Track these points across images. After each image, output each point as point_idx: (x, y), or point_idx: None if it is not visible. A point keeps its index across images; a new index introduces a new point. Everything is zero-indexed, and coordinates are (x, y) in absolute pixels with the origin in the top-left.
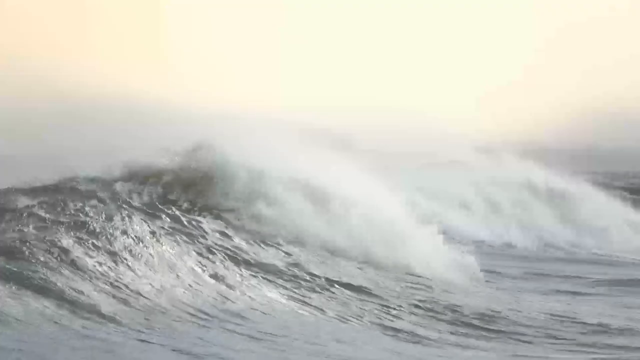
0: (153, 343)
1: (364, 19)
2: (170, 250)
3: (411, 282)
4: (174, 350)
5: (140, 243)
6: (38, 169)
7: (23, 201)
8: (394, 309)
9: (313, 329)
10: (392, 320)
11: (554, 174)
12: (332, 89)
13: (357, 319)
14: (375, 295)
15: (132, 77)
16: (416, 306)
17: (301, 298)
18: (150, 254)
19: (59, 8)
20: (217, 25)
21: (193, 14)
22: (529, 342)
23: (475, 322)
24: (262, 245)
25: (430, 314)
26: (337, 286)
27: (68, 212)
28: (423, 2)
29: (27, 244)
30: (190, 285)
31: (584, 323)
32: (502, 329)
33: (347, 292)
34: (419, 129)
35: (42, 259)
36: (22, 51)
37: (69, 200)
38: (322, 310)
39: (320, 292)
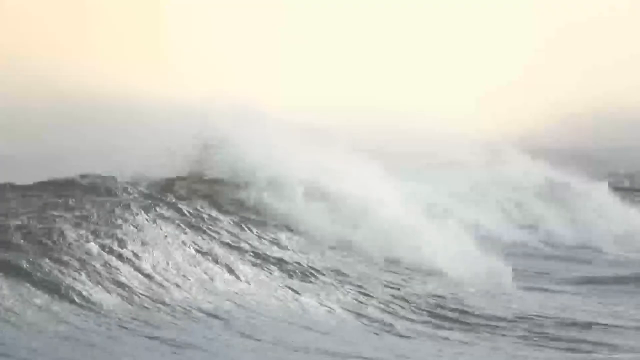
0: (133, 330)
1: (363, 19)
2: (167, 239)
3: (405, 276)
4: (158, 340)
5: (138, 231)
6: (38, 169)
7: (19, 195)
8: (373, 296)
9: (291, 317)
10: (367, 310)
11: (554, 173)
12: (332, 89)
13: (339, 309)
14: (360, 286)
15: (132, 77)
16: (398, 297)
17: (287, 286)
18: (146, 243)
19: (59, 8)
20: (217, 25)
21: (193, 14)
22: (504, 335)
23: (455, 315)
24: (260, 235)
25: (410, 305)
26: (324, 276)
27: (65, 204)
28: (423, 2)
29: (22, 235)
30: (182, 272)
31: (565, 319)
32: (480, 323)
33: (334, 281)
34: (419, 129)
35: (35, 249)
36: (22, 51)
37: (66, 194)
38: (305, 299)
39: (304, 281)
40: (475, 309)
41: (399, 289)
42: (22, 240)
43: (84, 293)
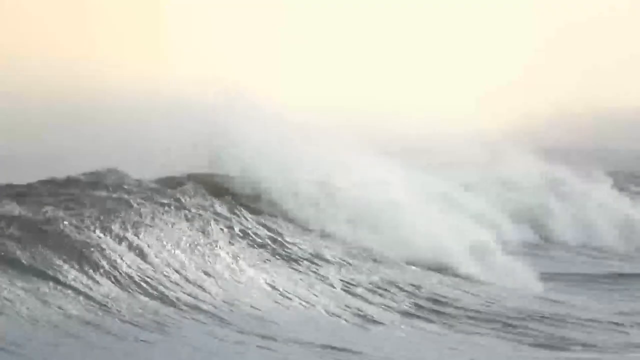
0: (129, 321)
1: (363, 19)
2: (170, 228)
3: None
4: (153, 331)
5: (139, 222)
6: (38, 168)
7: (18, 193)
8: (358, 286)
9: (266, 303)
10: (357, 302)
11: (555, 173)
12: (332, 89)
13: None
14: (351, 277)
15: (132, 76)
16: (377, 286)
17: (271, 271)
18: (147, 233)
19: (59, 8)
20: (218, 25)
21: (193, 14)
22: (462, 324)
23: (429, 304)
24: (260, 222)
25: (387, 294)
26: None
27: (64, 199)
28: (423, 2)
29: (19, 225)
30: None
31: (534, 312)
32: (451, 313)
33: (319, 267)
34: (419, 128)
35: (32, 238)
36: (22, 51)
37: (65, 191)
38: (285, 285)
39: (290, 267)
40: (463, 304)
41: (392, 282)
42: (19, 231)
43: (81, 282)
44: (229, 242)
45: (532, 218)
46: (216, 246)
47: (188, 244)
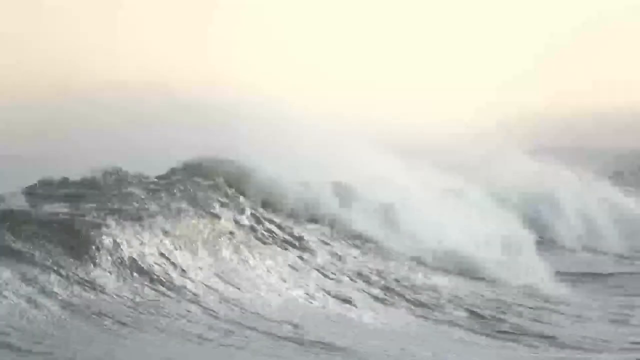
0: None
1: (363, 20)
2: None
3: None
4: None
5: (143, 216)
6: (38, 169)
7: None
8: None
9: (247, 286)
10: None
11: (556, 172)
12: (333, 90)
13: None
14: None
15: (134, 76)
16: (355, 272)
17: (256, 254)
18: (150, 226)
19: (60, 7)
20: (221, 26)
21: (197, 14)
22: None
23: (403, 292)
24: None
25: (365, 279)
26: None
27: (63, 191)
28: (424, 3)
29: (21, 220)
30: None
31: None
32: (424, 301)
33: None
34: (421, 126)
35: (32, 231)
36: (23, 50)
37: (66, 190)
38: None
39: (279, 251)
40: (439, 292)
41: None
42: (20, 225)
43: (72, 265)
44: (222, 230)
45: (532, 217)
46: (209, 233)
47: (182, 231)
